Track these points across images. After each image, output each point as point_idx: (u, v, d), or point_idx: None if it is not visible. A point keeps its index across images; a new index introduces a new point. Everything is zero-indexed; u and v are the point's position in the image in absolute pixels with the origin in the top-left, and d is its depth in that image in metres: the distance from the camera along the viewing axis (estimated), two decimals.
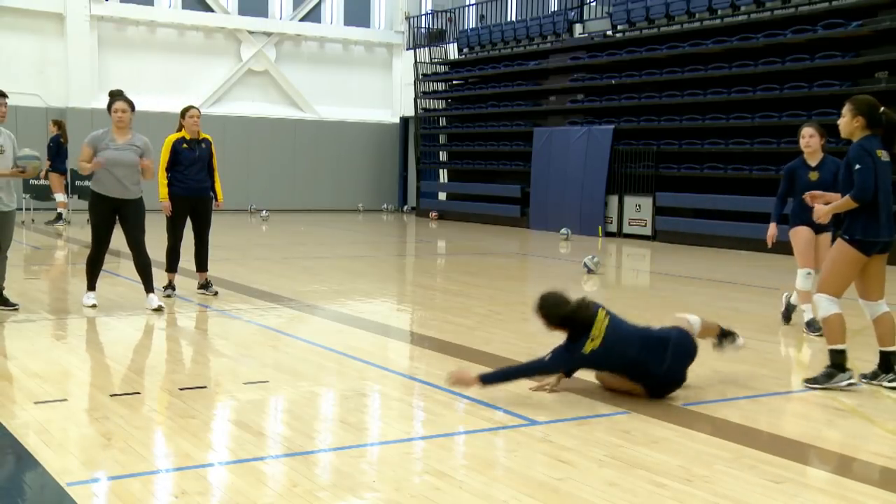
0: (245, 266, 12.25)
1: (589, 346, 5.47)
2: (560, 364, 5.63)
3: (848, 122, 6.07)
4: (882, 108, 6.09)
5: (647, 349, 5.52)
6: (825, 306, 5.91)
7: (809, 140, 8.05)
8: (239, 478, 4.14)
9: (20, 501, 3.90)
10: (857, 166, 5.83)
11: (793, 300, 8.40)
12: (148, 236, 8.51)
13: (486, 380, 5.55)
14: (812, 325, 7.85)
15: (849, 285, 6.01)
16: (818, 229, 7.84)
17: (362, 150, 27.38)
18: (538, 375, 5.72)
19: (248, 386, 5.81)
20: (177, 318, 8.42)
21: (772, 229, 8.14)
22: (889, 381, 6.00)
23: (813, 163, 8.04)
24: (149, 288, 8.58)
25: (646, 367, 5.51)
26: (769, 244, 8.13)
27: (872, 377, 6.13)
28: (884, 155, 6.01)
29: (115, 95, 8.61)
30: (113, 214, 8.37)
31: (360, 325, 8.17)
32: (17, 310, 8.23)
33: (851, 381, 5.93)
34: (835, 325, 5.89)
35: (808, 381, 6.02)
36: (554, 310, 5.59)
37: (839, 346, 5.93)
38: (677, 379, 5.66)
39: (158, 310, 8.43)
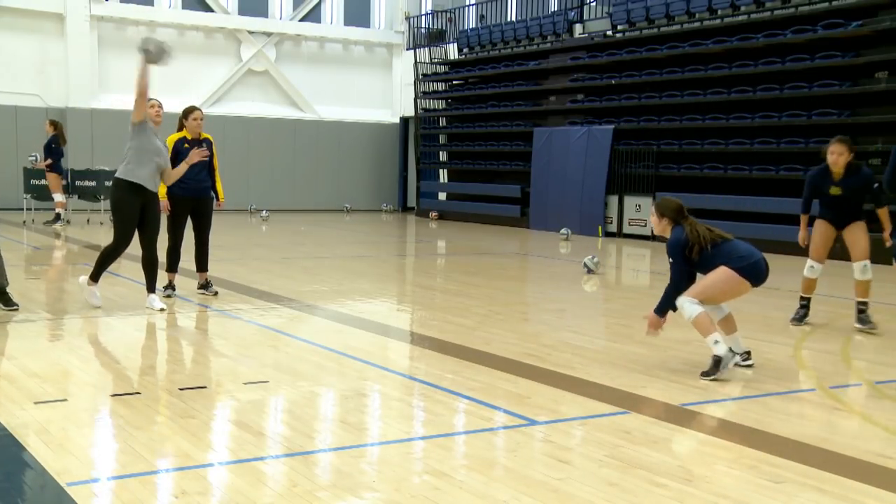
0: (245, 266, 12.25)
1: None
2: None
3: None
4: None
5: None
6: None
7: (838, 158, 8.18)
8: (239, 478, 4.14)
9: (20, 501, 3.90)
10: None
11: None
12: None
13: (660, 311, 6.34)
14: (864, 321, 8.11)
15: None
16: (841, 224, 8.29)
17: (362, 151, 27.40)
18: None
19: (248, 386, 5.81)
20: (177, 318, 8.42)
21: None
22: None
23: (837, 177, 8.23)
24: (151, 288, 8.60)
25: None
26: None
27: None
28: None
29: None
30: (139, 210, 8.36)
31: (360, 325, 8.16)
32: (17, 310, 8.23)
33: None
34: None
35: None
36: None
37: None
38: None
39: (161, 311, 8.45)
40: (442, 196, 25.53)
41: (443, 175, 26.11)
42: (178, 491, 3.95)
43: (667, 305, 6.33)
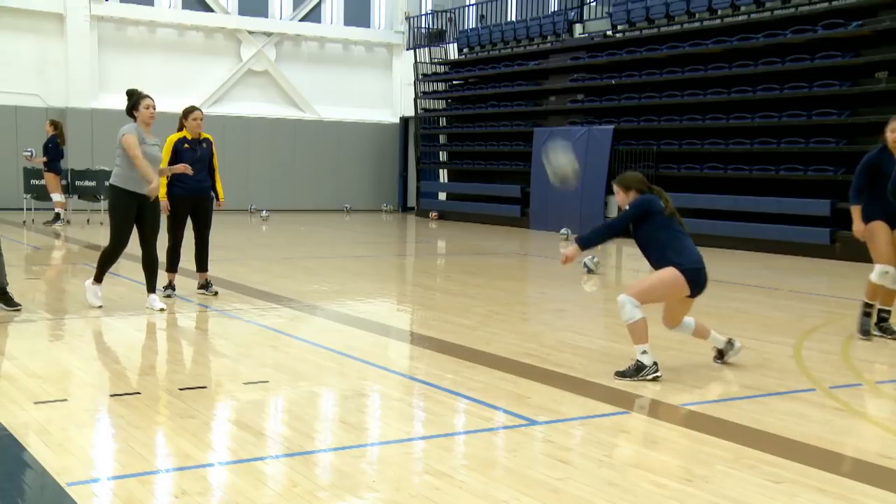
0: (245, 266, 12.25)
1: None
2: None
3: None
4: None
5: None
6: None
7: None
8: (239, 478, 4.14)
9: (20, 501, 3.90)
10: None
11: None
12: None
13: (584, 244, 6.30)
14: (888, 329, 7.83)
15: None
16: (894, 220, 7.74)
17: (362, 151, 27.40)
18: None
19: (248, 386, 5.81)
20: (177, 318, 8.42)
21: (859, 225, 7.87)
22: None
23: None
24: (151, 288, 8.60)
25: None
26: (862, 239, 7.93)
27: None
28: None
29: (138, 93, 8.47)
30: (135, 212, 8.37)
31: (360, 325, 8.17)
32: (19, 310, 8.22)
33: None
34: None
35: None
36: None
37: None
38: None
39: (161, 311, 8.45)
40: (442, 196, 25.53)
41: (443, 175, 26.11)
42: (178, 491, 3.95)
43: (592, 241, 6.33)
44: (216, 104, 25.44)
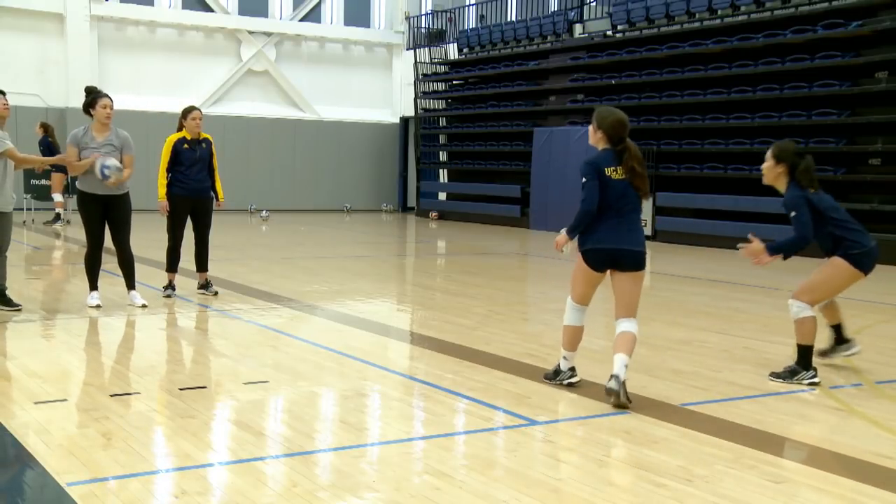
0: (245, 266, 12.25)
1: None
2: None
3: (771, 169, 6.38)
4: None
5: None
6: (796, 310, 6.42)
7: None
8: (239, 478, 4.14)
9: (20, 501, 3.90)
10: (793, 213, 6.20)
11: None
12: (148, 236, 8.53)
13: (571, 232, 6.04)
14: None
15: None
16: None
17: (362, 151, 27.39)
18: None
19: (248, 386, 5.81)
20: (177, 318, 8.42)
21: None
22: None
23: None
24: (130, 285, 8.69)
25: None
26: None
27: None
28: None
29: (96, 92, 8.44)
30: (102, 211, 8.38)
31: (360, 325, 8.16)
32: (20, 310, 8.22)
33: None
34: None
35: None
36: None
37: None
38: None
39: (143, 307, 8.49)
40: (442, 196, 25.53)
41: (443, 175, 26.12)
42: (178, 491, 3.95)
43: (580, 227, 5.97)
44: (216, 104, 25.44)
